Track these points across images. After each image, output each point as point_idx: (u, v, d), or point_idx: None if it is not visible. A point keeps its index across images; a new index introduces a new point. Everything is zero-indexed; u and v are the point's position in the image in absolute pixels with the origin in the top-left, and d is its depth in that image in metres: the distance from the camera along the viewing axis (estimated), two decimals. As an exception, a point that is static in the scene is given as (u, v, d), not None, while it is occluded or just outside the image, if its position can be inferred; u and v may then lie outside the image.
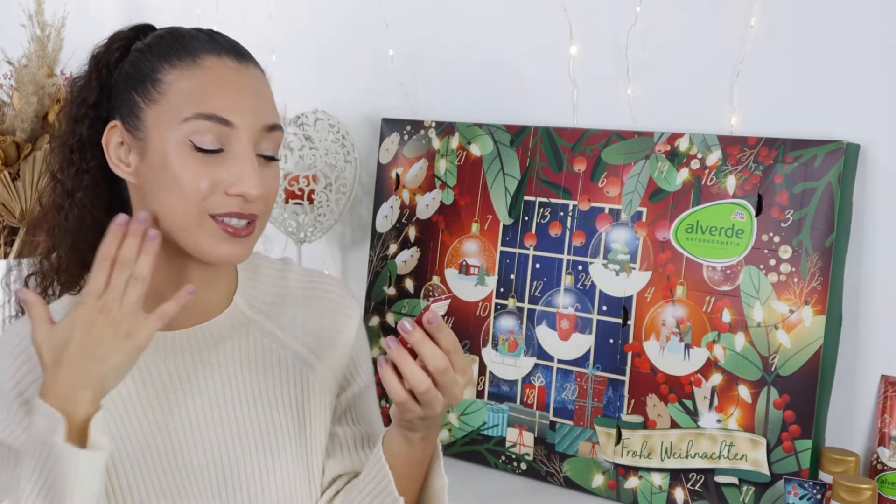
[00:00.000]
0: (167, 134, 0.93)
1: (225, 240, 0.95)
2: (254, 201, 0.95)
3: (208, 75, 0.94)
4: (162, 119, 0.94)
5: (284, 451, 1.03)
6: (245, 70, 0.97)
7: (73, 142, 1.00)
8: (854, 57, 1.22)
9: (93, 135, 0.99)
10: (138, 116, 0.95)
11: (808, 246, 1.19)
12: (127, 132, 0.96)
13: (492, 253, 1.44)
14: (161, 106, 0.94)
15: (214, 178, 0.93)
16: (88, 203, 1.00)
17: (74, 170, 1.00)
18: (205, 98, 0.93)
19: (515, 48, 1.50)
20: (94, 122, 0.99)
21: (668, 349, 1.28)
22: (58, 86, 1.67)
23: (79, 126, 1.00)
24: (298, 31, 1.75)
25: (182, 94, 0.94)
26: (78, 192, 1.00)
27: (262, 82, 0.99)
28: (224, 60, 0.96)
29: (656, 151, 1.31)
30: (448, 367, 0.87)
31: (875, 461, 1.20)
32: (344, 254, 1.73)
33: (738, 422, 1.22)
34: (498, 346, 1.42)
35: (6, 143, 1.57)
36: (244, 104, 0.95)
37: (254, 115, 0.95)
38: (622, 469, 1.30)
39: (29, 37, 1.70)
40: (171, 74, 0.95)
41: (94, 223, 1.00)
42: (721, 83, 1.31)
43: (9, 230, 1.67)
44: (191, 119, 0.93)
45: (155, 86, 0.95)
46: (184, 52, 0.95)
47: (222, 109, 0.93)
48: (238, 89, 0.95)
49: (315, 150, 1.60)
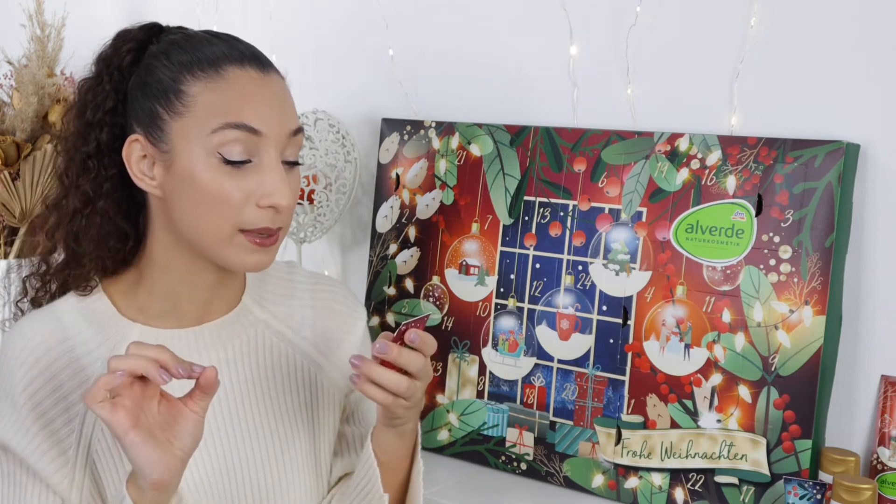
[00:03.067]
0: (194, 146, 0.92)
1: (252, 251, 0.95)
2: (284, 212, 0.95)
3: (233, 87, 0.94)
4: (188, 132, 0.93)
5: (294, 450, 1.03)
6: (268, 79, 0.97)
7: (89, 148, 0.98)
8: (854, 57, 1.22)
9: (110, 141, 0.98)
10: (162, 129, 0.94)
11: (808, 246, 1.19)
12: (151, 145, 0.95)
13: (492, 253, 1.44)
14: (186, 119, 0.93)
15: (245, 190, 0.93)
16: (110, 210, 0.99)
17: (93, 176, 0.98)
18: (231, 108, 0.93)
19: (515, 48, 1.50)
20: (111, 129, 0.98)
21: (668, 349, 1.28)
22: (58, 86, 1.67)
23: (94, 132, 0.98)
24: (298, 31, 1.75)
25: (208, 107, 0.93)
26: (99, 201, 0.99)
27: (284, 89, 0.99)
28: (248, 71, 0.95)
29: (656, 151, 1.31)
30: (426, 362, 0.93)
31: (875, 461, 1.20)
32: (344, 254, 1.73)
33: (738, 422, 1.22)
34: (498, 346, 1.42)
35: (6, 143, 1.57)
36: (270, 113, 0.94)
37: (280, 123, 0.95)
38: (622, 469, 1.30)
39: (29, 37, 1.70)
40: (196, 86, 0.93)
41: (115, 229, 1.00)
42: (721, 83, 1.31)
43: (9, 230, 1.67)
44: (219, 129, 0.92)
45: (179, 98, 0.93)
46: (206, 62, 0.94)
47: (250, 119, 0.93)
48: (263, 99, 0.95)
49: (315, 150, 1.60)
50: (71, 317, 1.00)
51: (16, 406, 0.95)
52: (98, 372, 0.98)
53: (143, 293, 1.02)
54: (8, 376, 0.96)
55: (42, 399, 0.95)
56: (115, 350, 0.99)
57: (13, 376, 0.96)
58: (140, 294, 1.02)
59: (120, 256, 1.02)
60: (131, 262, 1.03)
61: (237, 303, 1.06)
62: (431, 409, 1.48)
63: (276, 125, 0.94)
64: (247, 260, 0.95)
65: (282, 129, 0.95)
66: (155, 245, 1.00)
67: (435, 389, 1.48)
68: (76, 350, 0.98)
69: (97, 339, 0.99)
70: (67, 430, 0.96)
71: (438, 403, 1.47)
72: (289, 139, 0.96)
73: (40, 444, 0.95)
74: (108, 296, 1.02)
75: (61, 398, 0.96)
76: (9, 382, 0.96)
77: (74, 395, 0.97)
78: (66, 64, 1.71)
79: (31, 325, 0.99)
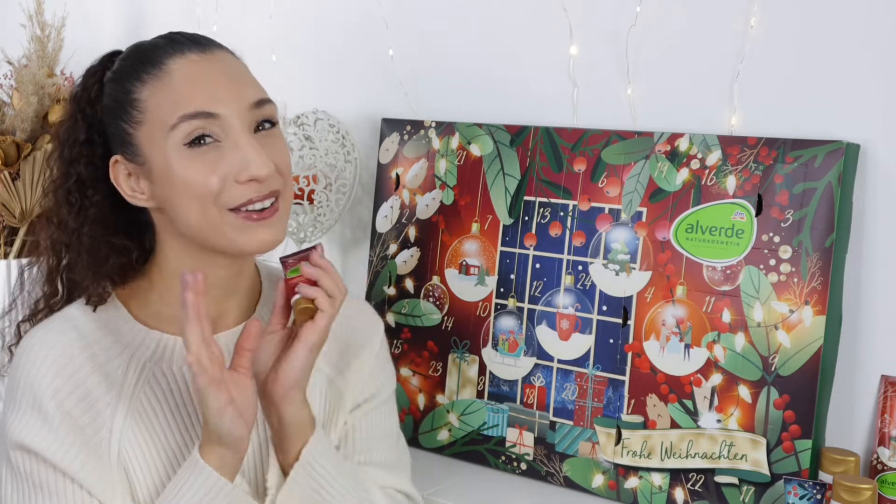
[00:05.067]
0: (162, 147, 0.93)
1: (254, 227, 0.94)
2: (267, 179, 0.94)
3: (177, 77, 0.94)
4: (153, 135, 0.94)
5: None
6: (211, 57, 0.96)
7: (69, 184, 0.99)
8: (854, 57, 1.22)
9: (91, 171, 0.99)
10: (132, 143, 0.95)
11: (808, 246, 1.19)
12: (129, 162, 0.96)
13: (492, 253, 1.44)
14: (146, 125, 0.94)
15: (221, 171, 0.92)
16: (99, 233, 1.00)
17: (77, 209, 0.99)
18: (181, 99, 0.92)
19: (515, 48, 1.50)
20: (90, 160, 0.99)
21: (668, 349, 1.28)
22: (58, 86, 1.67)
23: (74, 167, 0.99)
24: (298, 31, 1.75)
25: (161, 105, 0.93)
26: (84, 227, 0.99)
27: (232, 64, 0.98)
28: (188, 56, 0.95)
29: (656, 151, 1.31)
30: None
31: (875, 461, 1.20)
32: (344, 254, 1.73)
33: (738, 422, 1.22)
34: (498, 346, 1.42)
35: (6, 143, 1.57)
36: (221, 91, 0.94)
37: (235, 98, 0.94)
38: (622, 469, 1.30)
39: (29, 37, 1.70)
40: (145, 90, 0.94)
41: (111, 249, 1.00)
42: (721, 83, 1.31)
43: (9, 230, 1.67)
44: (177, 124, 0.92)
45: (134, 107, 0.94)
46: (149, 64, 0.95)
47: (203, 104, 0.92)
48: (210, 79, 0.94)
49: (315, 151, 1.60)
50: (86, 324, 0.99)
51: (46, 417, 0.93)
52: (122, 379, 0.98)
53: (154, 298, 1.02)
54: (31, 387, 0.94)
55: (71, 408, 0.94)
56: (136, 357, 0.99)
57: (37, 386, 0.94)
58: (152, 299, 1.02)
59: (127, 270, 1.02)
60: (141, 273, 1.03)
61: (252, 312, 1.06)
62: (431, 409, 1.48)
63: (233, 101, 0.93)
64: (254, 238, 0.94)
65: (239, 103, 0.94)
66: (168, 255, 1.00)
67: (435, 389, 1.48)
68: (98, 357, 0.98)
69: (117, 346, 0.99)
70: (98, 437, 0.95)
71: (438, 403, 1.47)
72: (251, 111, 0.95)
73: (77, 453, 0.93)
74: (122, 301, 1.03)
75: (89, 406, 0.95)
76: (33, 393, 0.94)
77: (101, 402, 0.96)
78: (66, 64, 1.71)
79: (47, 335, 0.98)
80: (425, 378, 1.49)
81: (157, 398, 0.98)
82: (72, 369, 0.96)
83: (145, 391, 0.98)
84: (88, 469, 0.93)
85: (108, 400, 0.96)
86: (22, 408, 0.94)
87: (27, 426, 0.93)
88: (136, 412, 0.97)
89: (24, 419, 0.94)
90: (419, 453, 1.46)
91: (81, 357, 0.97)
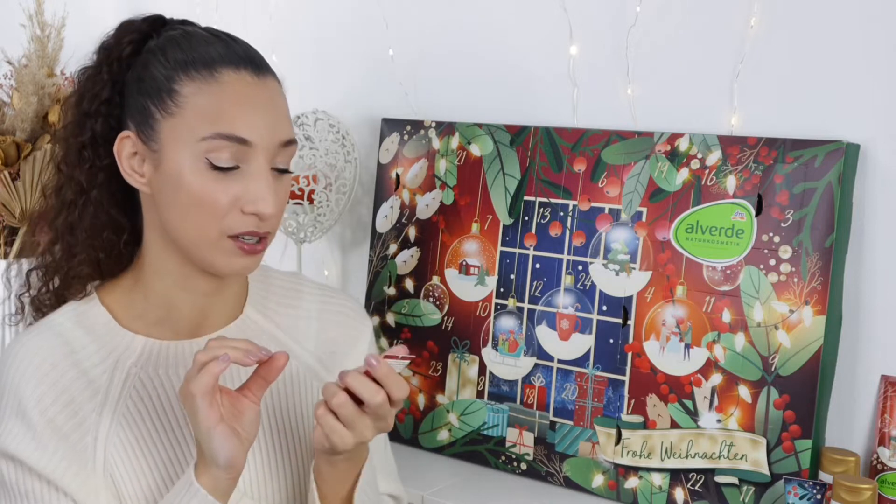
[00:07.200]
0: (183, 149, 0.92)
1: (240, 256, 0.94)
2: (268, 219, 0.94)
3: (226, 91, 0.92)
4: (179, 133, 0.92)
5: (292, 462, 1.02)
6: (262, 84, 0.95)
7: (84, 138, 0.97)
8: (854, 57, 1.22)
9: (106, 131, 0.97)
10: (153, 127, 0.94)
11: (808, 246, 1.19)
12: (141, 142, 0.95)
13: (492, 253, 1.44)
14: (177, 119, 0.92)
15: (231, 195, 0.92)
16: (104, 201, 0.99)
17: (87, 167, 0.98)
18: (223, 116, 0.91)
19: (515, 48, 1.50)
20: (106, 119, 0.97)
21: (668, 349, 1.28)
22: (58, 86, 1.67)
23: (90, 121, 0.97)
24: (298, 31, 1.75)
25: (199, 110, 0.92)
26: (93, 190, 0.98)
27: (278, 95, 0.97)
28: (242, 75, 0.94)
29: (656, 151, 1.31)
30: (404, 388, 0.94)
31: (875, 461, 1.20)
32: (344, 254, 1.73)
33: (738, 422, 1.22)
34: (498, 346, 1.42)
35: (6, 143, 1.57)
36: (261, 122, 0.93)
37: (271, 132, 0.93)
38: (622, 469, 1.30)
39: (29, 37, 1.70)
40: (189, 87, 0.92)
41: (109, 220, 0.99)
42: (721, 83, 1.31)
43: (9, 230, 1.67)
44: (208, 138, 0.91)
45: (172, 97, 0.93)
46: (200, 63, 0.93)
47: (240, 129, 0.91)
48: (255, 106, 0.93)
49: (315, 150, 1.60)
50: (71, 331, 0.99)
51: (30, 424, 0.93)
52: (107, 384, 0.97)
53: (139, 298, 1.01)
54: (14, 393, 0.94)
55: (55, 415, 0.93)
56: (121, 362, 0.98)
57: (20, 393, 0.94)
58: (136, 300, 1.01)
59: (114, 251, 1.00)
60: (128, 266, 1.02)
61: (239, 313, 1.05)
62: (432, 409, 1.48)
63: (267, 135, 0.93)
64: (234, 265, 0.95)
65: (272, 139, 0.93)
66: (149, 244, 0.99)
67: (435, 389, 1.48)
68: (83, 364, 0.97)
69: (101, 352, 0.98)
70: (82, 444, 0.94)
71: (438, 403, 1.47)
72: (279, 149, 0.95)
73: (61, 460, 0.92)
74: (106, 306, 1.01)
75: (74, 413, 0.95)
76: (17, 401, 0.93)
77: (86, 408, 0.95)
78: (66, 64, 1.71)
79: (31, 340, 0.97)
80: (425, 378, 1.49)
81: (144, 403, 0.97)
82: (56, 375, 0.95)
83: (131, 396, 0.97)
84: (72, 476, 0.92)
85: (92, 406, 0.95)
86: (6, 415, 0.94)
87: (11, 434, 0.93)
88: (122, 418, 0.96)
89: (7, 427, 0.93)
90: (419, 453, 1.46)
91: (65, 363, 0.96)
